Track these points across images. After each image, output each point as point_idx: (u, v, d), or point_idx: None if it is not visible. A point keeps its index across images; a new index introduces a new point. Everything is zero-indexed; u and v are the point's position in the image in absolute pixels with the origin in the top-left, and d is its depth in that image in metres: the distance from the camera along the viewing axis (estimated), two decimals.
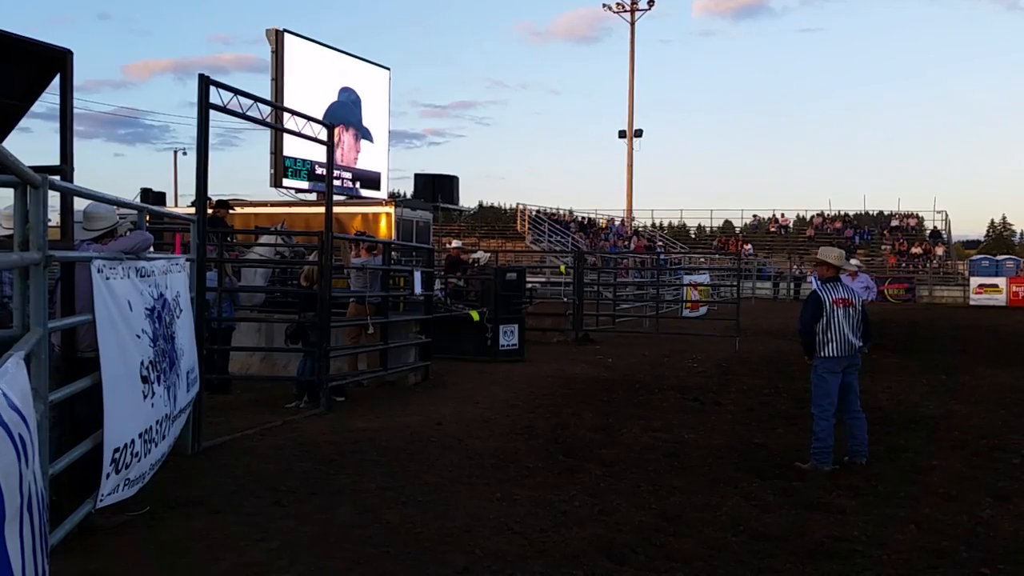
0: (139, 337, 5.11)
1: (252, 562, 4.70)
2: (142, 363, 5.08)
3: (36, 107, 5.61)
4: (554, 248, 37.59)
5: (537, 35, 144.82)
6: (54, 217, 6.28)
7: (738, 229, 50.85)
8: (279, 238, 11.62)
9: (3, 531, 2.07)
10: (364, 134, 22.38)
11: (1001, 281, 34.50)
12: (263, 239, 11.89)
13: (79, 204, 5.48)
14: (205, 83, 7.32)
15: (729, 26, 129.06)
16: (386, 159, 23.96)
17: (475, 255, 17.19)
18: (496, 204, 71.47)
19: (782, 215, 49.87)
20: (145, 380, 5.11)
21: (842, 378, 7.11)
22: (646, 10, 43.02)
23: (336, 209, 11.31)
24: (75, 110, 5.31)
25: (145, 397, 5.11)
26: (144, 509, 5.42)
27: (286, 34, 19.64)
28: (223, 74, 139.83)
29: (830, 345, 7.04)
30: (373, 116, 22.82)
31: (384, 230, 19.46)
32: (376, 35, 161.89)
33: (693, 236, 52.98)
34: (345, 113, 21.46)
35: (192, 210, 8.92)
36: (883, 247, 44.14)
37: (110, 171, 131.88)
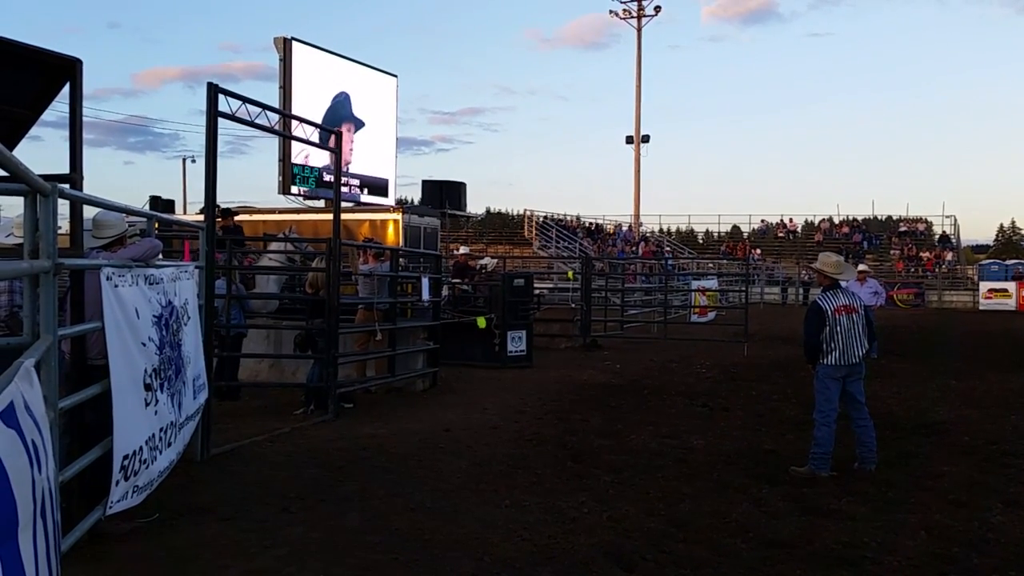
0: (144, 345, 5.12)
1: (261, 569, 4.70)
2: (145, 371, 5.10)
3: (47, 115, 5.66)
4: (562, 254, 37.64)
5: (545, 41, 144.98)
6: (64, 225, 6.30)
7: (746, 234, 50.81)
8: (291, 244, 11.65)
9: (17, 537, 2.08)
10: (357, 125, 22.35)
11: (1011, 286, 34.39)
12: (274, 246, 11.93)
13: (88, 212, 5.50)
14: (214, 91, 7.36)
15: (738, 31, 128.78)
16: (394, 166, 24.03)
17: (483, 261, 17.20)
18: (504, 210, 71.33)
19: (790, 220, 49.82)
20: (148, 388, 5.12)
21: (846, 386, 7.08)
22: (652, 16, 43.13)
23: (344, 216, 11.35)
24: (85, 119, 5.34)
25: (147, 405, 5.13)
26: (153, 516, 5.43)
27: (294, 42, 19.74)
28: (233, 82, 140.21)
29: (833, 354, 7.00)
30: (364, 110, 22.71)
31: (392, 236, 19.52)
32: (384, 42, 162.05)
33: (701, 241, 52.91)
34: (338, 110, 21.48)
35: (201, 217, 8.95)
36: (892, 252, 44.03)
37: (120, 179, 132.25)
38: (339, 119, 21.28)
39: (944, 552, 5.14)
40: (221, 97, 7.47)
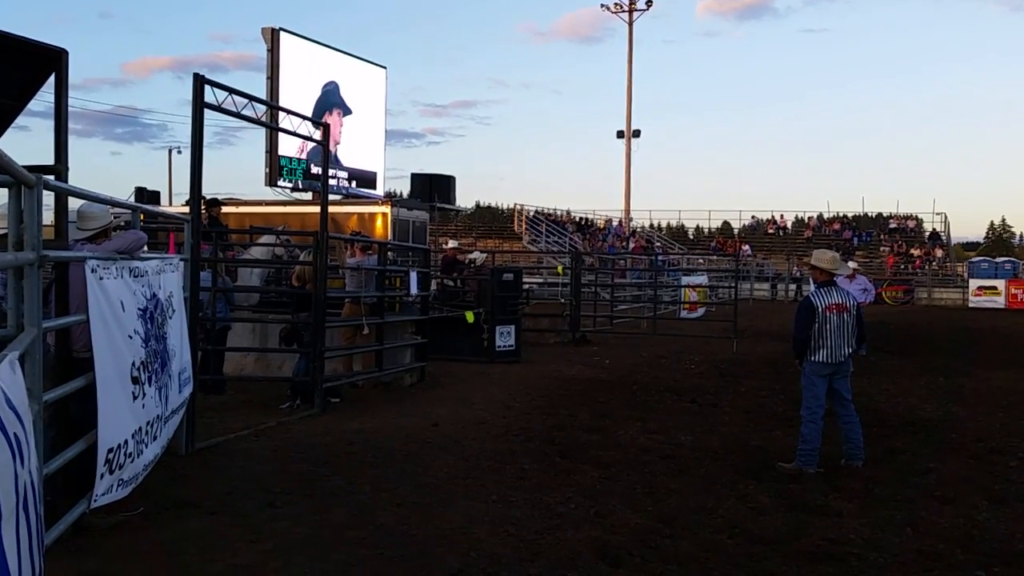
0: (131, 338, 5.09)
1: (246, 563, 4.68)
2: (133, 364, 5.07)
3: (35, 105, 5.61)
4: (551, 248, 37.60)
5: (540, 35, 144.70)
6: (48, 216, 6.26)
7: (736, 230, 50.84)
8: (278, 239, 11.59)
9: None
10: (345, 111, 22.24)
11: (1000, 283, 34.48)
12: (262, 239, 11.87)
13: (74, 203, 5.46)
14: (200, 82, 7.30)
15: (732, 27, 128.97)
16: (383, 158, 23.98)
17: (472, 255, 17.16)
18: (493, 204, 71.22)
19: (780, 216, 49.90)
20: (136, 381, 5.09)
21: (833, 383, 7.11)
22: (644, 10, 43.10)
23: (332, 208, 11.31)
24: (73, 109, 5.32)
25: (135, 398, 5.10)
26: (138, 510, 5.40)
27: (282, 33, 19.65)
28: (222, 72, 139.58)
29: (821, 351, 7.02)
30: (353, 100, 22.58)
31: (380, 230, 19.46)
32: (377, 34, 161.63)
33: (691, 237, 52.93)
34: (327, 99, 21.39)
35: (186, 209, 8.90)
36: (882, 249, 44.17)
37: (107, 169, 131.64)
38: (329, 105, 21.22)
39: (930, 549, 5.16)
40: (208, 88, 7.42)
